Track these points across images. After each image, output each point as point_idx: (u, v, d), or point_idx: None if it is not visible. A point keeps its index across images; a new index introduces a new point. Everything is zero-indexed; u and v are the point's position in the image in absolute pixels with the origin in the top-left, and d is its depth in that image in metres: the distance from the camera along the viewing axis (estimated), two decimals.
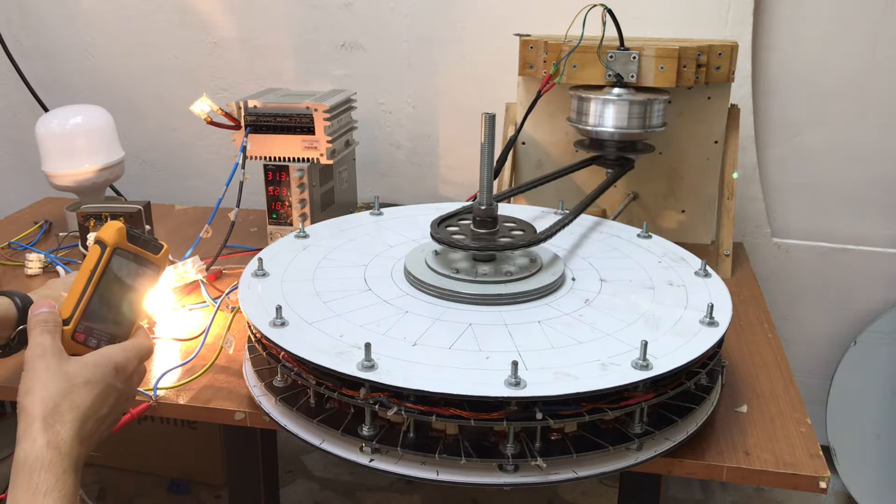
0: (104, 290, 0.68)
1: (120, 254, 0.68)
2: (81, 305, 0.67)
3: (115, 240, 0.68)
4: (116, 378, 0.65)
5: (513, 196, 1.20)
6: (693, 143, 1.27)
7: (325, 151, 1.23)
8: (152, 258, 0.71)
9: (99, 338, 0.68)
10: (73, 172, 1.33)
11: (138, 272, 0.70)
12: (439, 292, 0.85)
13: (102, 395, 0.63)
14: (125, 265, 0.69)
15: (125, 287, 0.69)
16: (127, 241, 0.69)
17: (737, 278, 1.22)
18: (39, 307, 0.66)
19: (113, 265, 0.68)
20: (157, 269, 0.71)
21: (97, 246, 0.68)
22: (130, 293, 0.70)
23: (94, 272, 0.67)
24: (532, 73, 1.21)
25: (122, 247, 0.68)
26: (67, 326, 0.66)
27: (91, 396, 0.62)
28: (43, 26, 1.62)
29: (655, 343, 0.74)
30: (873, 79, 1.38)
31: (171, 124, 1.64)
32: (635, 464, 0.73)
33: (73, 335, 0.66)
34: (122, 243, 0.68)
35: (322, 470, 1.68)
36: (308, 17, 1.52)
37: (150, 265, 0.71)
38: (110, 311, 0.68)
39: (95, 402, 0.62)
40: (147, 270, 0.71)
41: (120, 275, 0.69)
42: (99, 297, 0.67)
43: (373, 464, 0.71)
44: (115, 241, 0.68)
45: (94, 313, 0.67)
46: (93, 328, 0.67)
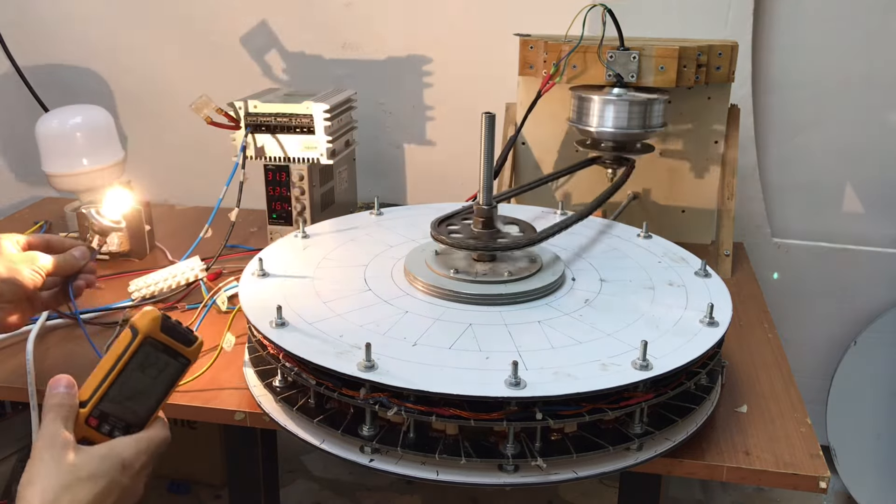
0: (127, 378, 0.65)
1: (150, 343, 0.65)
2: (101, 391, 0.64)
3: (147, 328, 0.64)
4: (122, 474, 0.62)
5: (513, 196, 1.20)
6: (693, 143, 1.27)
7: (325, 151, 1.23)
8: (184, 351, 0.67)
9: (113, 425, 0.65)
10: (73, 172, 1.33)
11: (167, 364, 0.66)
12: (439, 292, 0.85)
13: (105, 490, 0.61)
14: (154, 355, 0.65)
15: (150, 378, 0.66)
16: (160, 331, 0.65)
17: (737, 278, 1.22)
18: (57, 385, 0.64)
19: (141, 354, 0.65)
20: (187, 362, 0.67)
21: (129, 331, 0.65)
22: (154, 384, 0.66)
23: (121, 359, 0.64)
24: (532, 73, 1.21)
25: (153, 336, 0.65)
26: (83, 409, 0.64)
27: (93, 492, 0.60)
28: (43, 26, 1.62)
29: (655, 343, 0.74)
30: (873, 79, 1.38)
31: (171, 124, 1.64)
32: (635, 464, 0.73)
33: (86, 419, 0.64)
34: (155, 333, 0.65)
35: (322, 470, 1.68)
36: (308, 17, 1.52)
37: (181, 358, 0.67)
38: (130, 400, 0.65)
39: (97, 497, 0.60)
40: (176, 363, 0.67)
41: (147, 364, 0.65)
42: (121, 385, 0.65)
43: (373, 464, 0.71)
44: (147, 329, 0.65)
45: (113, 400, 0.65)
46: (108, 415, 0.65)
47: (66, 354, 0.96)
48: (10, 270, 0.78)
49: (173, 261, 1.20)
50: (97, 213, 0.89)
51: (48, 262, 0.82)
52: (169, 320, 0.66)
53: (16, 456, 1.71)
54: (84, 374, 0.90)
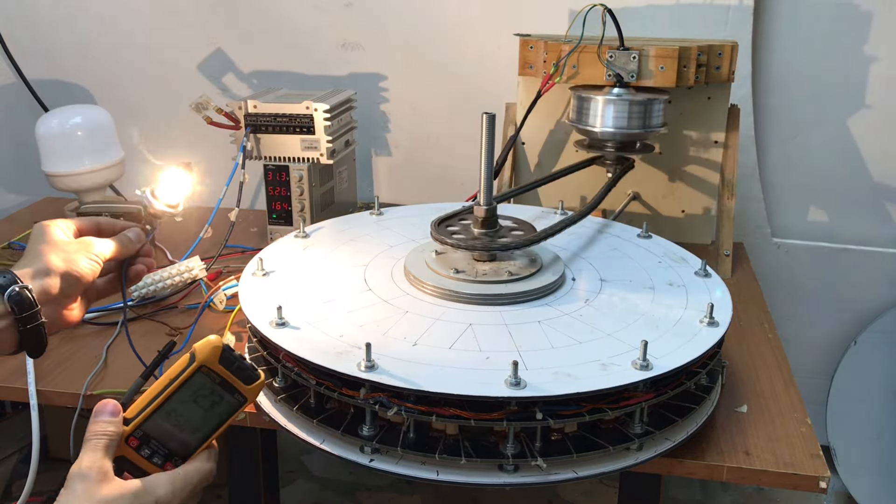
0: (177, 405, 0.62)
1: (206, 372, 0.62)
2: (147, 412, 0.61)
3: (206, 357, 0.61)
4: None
5: (513, 196, 1.20)
6: (693, 143, 1.27)
7: (325, 151, 1.23)
8: (241, 387, 0.62)
9: (154, 450, 0.62)
10: (73, 172, 1.33)
11: (221, 398, 0.62)
12: (439, 292, 0.85)
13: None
14: (208, 386, 0.62)
15: (201, 409, 0.62)
16: (219, 362, 0.62)
17: (737, 278, 1.22)
18: (102, 411, 0.61)
19: (195, 382, 0.61)
20: (243, 400, 0.63)
21: (187, 357, 0.62)
22: (204, 417, 0.62)
23: (173, 383, 0.61)
24: (532, 73, 1.21)
25: (211, 366, 0.61)
26: (126, 427, 0.61)
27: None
28: (43, 26, 1.62)
29: (655, 343, 0.74)
30: (873, 79, 1.38)
31: (171, 124, 1.64)
32: (635, 464, 0.73)
33: (127, 437, 0.61)
34: (213, 363, 0.61)
35: (322, 470, 1.68)
36: (308, 17, 1.52)
37: (237, 394, 0.63)
38: (176, 428, 0.62)
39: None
40: (231, 399, 0.63)
41: (199, 394, 0.62)
42: (168, 410, 0.62)
43: (373, 464, 0.71)
44: (205, 358, 0.61)
45: (158, 424, 0.62)
46: (151, 438, 0.62)
47: (67, 354, 0.96)
48: (67, 262, 0.69)
49: (173, 261, 1.20)
50: (152, 195, 0.81)
51: (106, 247, 0.73)
52: (231, 352, 0.62)
53: (16, 456, 1.71)
54: (84, 375, 0.90)
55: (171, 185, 0.83)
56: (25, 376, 0.91)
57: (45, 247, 0.69)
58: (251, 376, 0.63)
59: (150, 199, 0.81)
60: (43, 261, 0.68)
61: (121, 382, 0.90)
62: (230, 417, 0.63)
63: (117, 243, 0.75)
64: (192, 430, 0.62)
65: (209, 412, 0.62)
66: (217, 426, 0.63)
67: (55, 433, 1.54)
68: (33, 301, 0.65)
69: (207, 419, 0.62)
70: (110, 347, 0.97)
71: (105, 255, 0.73)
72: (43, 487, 1.71)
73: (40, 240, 0.70)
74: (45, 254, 0.69)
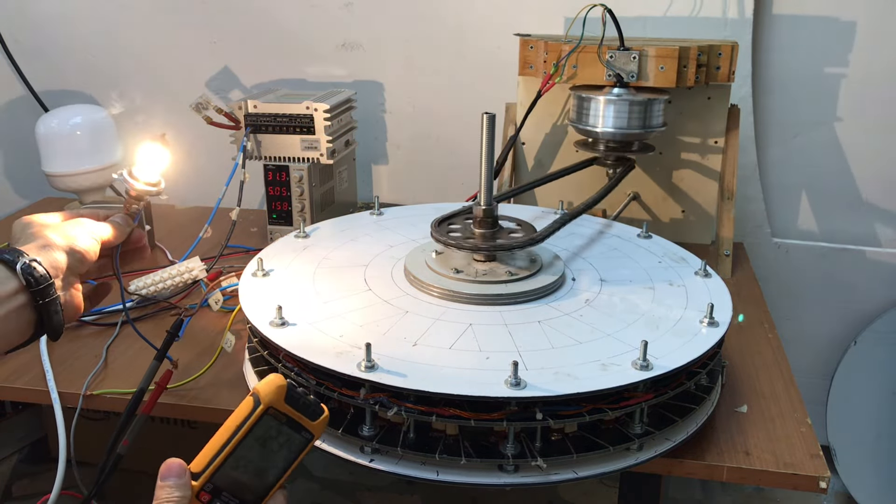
0: (245, 452, 0.59)
1: (274, 414, 0.59)
2: (216, 464, 0.58)
3: (271, 398, 0.58)
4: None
5: (513, 196, 1.20)
6: (693, 143, 1.27)
7: (325, 151, 1.23)
8: (308, 424, 0.60)
9: (226, 502, 0.59)
10: (73, 172, 1.33)
11: (289, 438, 0.59)
12: (439, 292, 0.85)
13: None
14: (276, 427, 0.59)
15: (270, 452, 0.59)
16: (285, 402, 0.59)
17: (737, 278, 1.22)
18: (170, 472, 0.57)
19: (262, 426, 0.59)
20: (310, 437, 0.60)
21: (251, 399, 0.59)
22: (274, 460, 0.59)
23: (240, 429, 0.58)
24: (532, 73, 1.21)
25: (277, 407, 0.58)
26: (195, 482, 0.58)
27: None
28: (43, 26, 1.62)
29: (655, 343, 0.74)
30: (873, 79, 1.38)
31: (172, 124, 1.64)
32: (635, 464, 0.73)
33: (198, 494, 0.58)
34: (279, 403, 0.58)
35: (322, 470, 1.68)
36: (308, 17, 1.52)
37: (304, 432, 0.60)
38: (246, 474, 0.59)
39: None
40: (299, 437, 0.60)
41: (267, 437, 0.59)
42: (237, 459, 0.58)
43: (373, 464, 0.71)
44: (271, 399, 0.58)
45: (228, 475, 0.59)
46: (221, 490, 0.59)
47: (67, 354, 0.96)
48: (67, 238, 0.66)
49: (173, 261, 1.20)
50: (130, 176, 0.76)
51: (101, 229, 0.70)
52: (295, 389, 0.60)
53: (16, 456, 1.71)
54: (84, 375, 0.90)
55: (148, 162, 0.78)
56: (25, 376, 0.91)
57: (38, 228, 0.66)
58: (316, 412, 0.60)
59: (129, 181, 0.76)
60: (42, 237, 0.65)
61: (121, 382, 0.90)
62: (299, 457, 0.60)
63: (113, 226, 0.72)
64: (262, 476, 0.59)
65: (277, 454, 0.59)
66: (286, 467, 0.60)
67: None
68: (46, 273, 0.62)
69: (276, 461, 0.59)
70: (110, 347, 0.97)
71: (102, 236, 0.70)
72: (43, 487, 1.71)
73: (30, 225, 0.67)
74: (42, 233, 0.65)
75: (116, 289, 0.78)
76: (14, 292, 0.61)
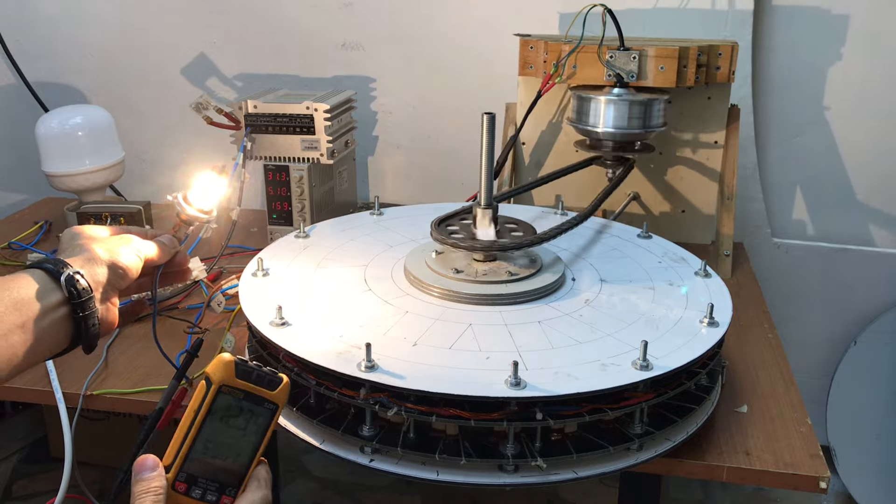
0: (210, 435, 0.59)
1: (228, 392, 0.59)
2: (183, 452, 0.58)
3: (221, 376, 0.59)
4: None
5: (513, 196, 1.20)
6: (693, 143, 1.27)
7: (325, 151, 1.23)
8: (268, 395, 0.60)
9: (205, 488, 0.59)
10: (73, 172, 1.33)
11: (252, 412, 0.60)
12: (439, 292, 0.85)
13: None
14: (234, 404, 0.59)
15: (236, 430, 0.60)
16: (236, 377, 0.59)
17: (737, 278, 1.22)
18: (143, 468, 0.58)
19: (219, 405, 0.59)
20: (275, 407, 0.60)
21: (203, 383, 0.59)
22: (243, 437, 0.60)
23: (198, 413, 0.59)
24: (532, 73, 1.21)
25: (230, 384, 0.59)
26: (168, 474, 0.58)
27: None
28: (43, 26, 1.62)
29: (655, 343, 0.74)
30: (873, 79, 1.38)
31: (171, 124, 1.64)
32: (635, 464, 0.73)
33: (173, 485, 0.58)
34: (231, 380, 0.59)
35: (322, 470, 1.68)
36: (308, 17, 1.52)
37: (267, 403, 0.60)
38: (218, 457, 0.59)
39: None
40: (263, 409, 0.60)
41: (229, 415, 0.59)
42: (204, 443, 0.59)
43: (373, 464, 0.71)
44: (221, 377, 0.59)
45: (199, 460, 0.59)
46: (197, 477, 0.59)
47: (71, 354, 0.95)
48: (111, 253, 0.66)
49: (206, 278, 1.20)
50: (184, 201, 0.77)
51: (147, 247, 0.71)
52: (245, 364, 0.60)
53: (16, 456, 1.71)
54: (84, 375, 0.90)
55: (204, 189, 0.79)
56: (25, 376, 0.91)
57: (85, 241, 0.67)
58: (274, 381, 0.60)
59: (182, 204, 0.77)
60: (88, 251, 0.65)
61: (121, 383, 0.90)
62: (268, 429, 0.60)
63: (158, 245, 0.72)
64: (235, 455, 0.60)
65: (245, 431, 0.60)
66: (259, 442, 0.60)
67: (56, 433, 1.54)
68: (88, 286, 0.63)
69: (246, 438, 0.60)
70: (110, 347, 0.97)
71: (146, 255, 0.70)
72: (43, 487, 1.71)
73: (79, 236, 0.67)
74: (88, 245, 0.66)
75: None
76: (57, 304, 0.62)
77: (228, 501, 0.60)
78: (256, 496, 0.59)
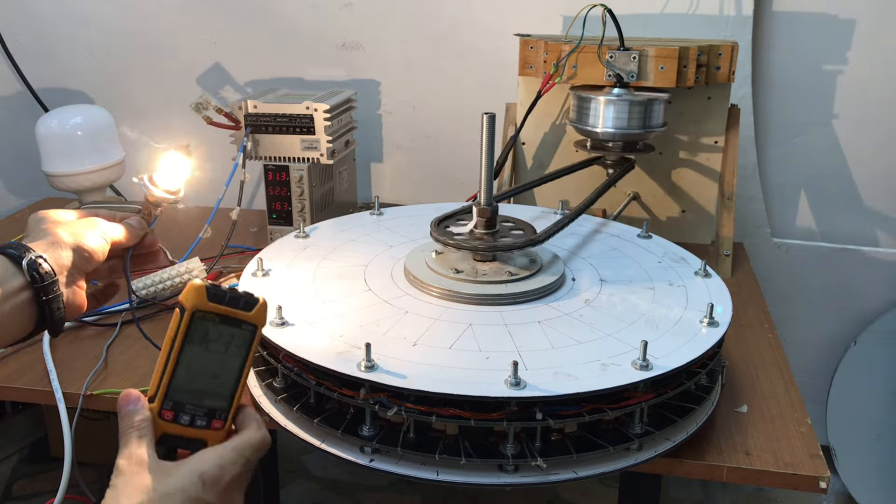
0: (191, 361, 0.59)
1: (202, 317, 0.59)
2: (165, 379, 0.59)
3: (192, 301, 0.59)
4: (204, 491, 0.55)
5: (513, 196, 1.20)
6: (693, 143, 1.27)
7: (325, 151, 1.23)
8: (245, 316, 0.60)
9: (193, 414, 0.59)
10: (73, 172, 1.33)
11: (231, 335, 0.60)
12: (439, 292, 0.85)
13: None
14: (212, 329, 0.59)
15: (217, 354, 0.60)
16: (208, 301, 0.59)
17: (737, 278, 1.22)
18: (126, 403, 0.58)
19: (195, 330, 0.59)
20: (253, 328, 0.60)
21: (177, 310, 0.60)
22: (225, 360, 0.60)
23: (175, 340, 0.59)
24: (532, 73, 1.21)
25: (203, 308, 0.59)
26: (153, 404, 0.59)
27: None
28: (43, 26, 1.62)
29: (655, 343, 0.74)
30: (873, 79, 1.38)
31: (171, 124, 1.64)
32: (635, 464, 0.73)
33: (160, 413, 0.59)
34: (203, 304, 0.59)
35: (322, 470, 1.68)
36: (308, 17, 1.52)
37: (244, 324, 0.60)
38: (202, 382, 0.60)
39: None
40: (241, 332, 0.60)
41: (207, 340, 0.60)
42: (186, 369, 0.59)
43: (373, 464, 0.71)
44: (193, 302, 0.59)
45: (183, 388, 0.59)
46: (183, 404, 0.59)
47: (67, 354, 0.96)
48: (75, 237, 0.66)
49: (173, 261, 1.20)
50: (150, 182, 0.77)
51: (113, 229, 0.70)
52: (217, 288, 0.60)
53: (16, 456, 1.71)
54: (84, 375, 0.90)
55: (169, 170, 0.79)
56: (25, 376, 0.91)
57: (49, 225, 0.67)
58: (249, 302, 0.60)
59: (148, 187, 0.77)
60: (51, 235, 0.65)
61: (121, 382, 0.90)
62: (250, 350, 0.60)
63: (126, 228, 0.72)
64: (219, 379, 0.60)
65: (227, 354, 0.60)
66: (242, 364, 0.60)
67: (56, 433, 1.54)
68: (51, 270, 0.63)
69: (229, 362, 0.60)
70: (110, 347, 0.97)
71: (113, 237, 0.70)
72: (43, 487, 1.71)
73: (43, 220, 0.67)
74: (52, 230, 0.66)
75: (122, 289, 0.78)
76: (20, 288, 0.62)
77: (219, 425, 0.60)
78: (255, 436, 0.60)
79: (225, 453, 0.58)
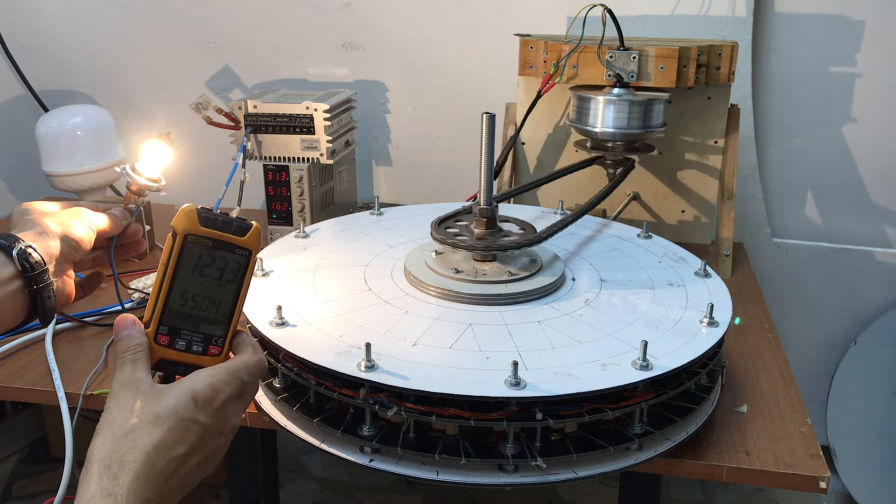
0: (184, 284, 0.59)
1: (195, 241, 0.59)
2: (159, 305, 0.59)
3: (184, 225, 0.58)
4: (197, 411, 0.55)
5: (513, 196, 1.20)
6: (693, 143, 1.27)
7: (325, 151, 1.23)
8: (238, 241, 0.59)
9: (189, 340, 0.59)
10: (73, 172, 1.34)
11: (225, 259, 0.59)
12: (439, 292, 0.85)
13: (174, 431, 0.54)
14: (206, 254, 0.59)
15: (211, 279, 0.59)
16: (200, 225, 0.58)
17: (737, 278, 1.22)
18: (121, 327, 0.58)
19: (188, 254, 0.58)
20: (247, 253, 0.60)
21: (170, 236, 0.59)
22: (220, 286, 0.59)
23: (168, 265, 0.58)
24: (532, 73, 1.21)
25: (195, 233, 0.58)
26: (149, 329, 0.59)
27: (159, 434, 0.53)
28: (43, 26, 1.62)
29: (655, 343, 0.74)
30: (873, 79, 1.38)
31: (171, 124, 1.64)
32: (635, 464, 0.73)
33: (155, 338, 0.59)
34: (195, 228, 0.58)
35: (322, 470, 1.68)
36: (308, 17, 1.52)
37: (238, 250, 0.59)
38: (198, 307, 0.59)
39: (165, 440, 0.53)
40: (235, 256, 0.59)
41: (200, 265, 0.59)
42: (181, 294, 0.59)
43: (373, 464, 0.71)
44: (185, 226, 0.58)
45: (179, 312, 0.59)
46: (179, 329, 0.59)
47: (67, 354, 0.96)
48: (62, 226, 0.66)
49: None
50: (133, 171, 0.78)
51: (98, 218, 0.71)
52: (208, 212, 0.59)
53: (16, 456, 1.71)
54: (84, 375, 0.90)
55: (151, 158, 0.80)
56: (26, 376, 0.91)
57: (36, 215, 0.67)
58: (242, 227, 0.60)
59: (131, 176, 0.77)
60: (39, 225, 0.65)
61: None
62: (246, 275, 0.60)
63: (110, 217, 0.72)
64: (215, 305, 0.60)
65: (222, 280, 0.60)
66: (238, 289, 0.60)
67: (55, 433, 1.54)
68: (41, 259, 0.63)
69: (224, 287, 0.60)
70: (110, 347, 0.97)
71: (98, 226, 0.71)
72: (43, 487, 1.71)
73: (29, 212, 0.68)
74: (39, 220, 0.66)
75: (108, 286, 0.78)
76: (10, 277, 0.62)
77: (216, 351, 0.60)
78: (251, 359, 0.60)
79: (218, 373, 0.57)
